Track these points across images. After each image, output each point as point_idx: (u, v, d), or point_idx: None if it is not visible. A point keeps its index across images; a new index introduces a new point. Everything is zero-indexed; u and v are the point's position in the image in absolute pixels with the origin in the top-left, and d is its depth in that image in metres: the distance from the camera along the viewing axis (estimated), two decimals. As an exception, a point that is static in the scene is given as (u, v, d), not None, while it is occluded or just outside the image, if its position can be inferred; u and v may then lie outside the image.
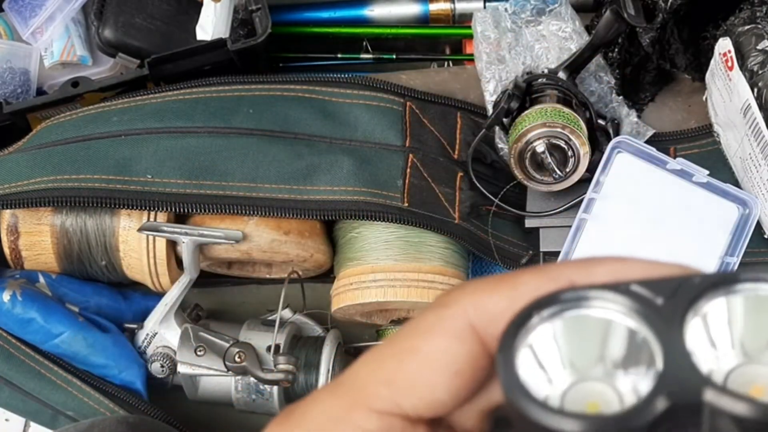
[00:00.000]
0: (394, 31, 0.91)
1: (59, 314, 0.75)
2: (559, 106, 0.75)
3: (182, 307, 0.78)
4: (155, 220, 0.74)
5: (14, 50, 0.83)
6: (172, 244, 0.76)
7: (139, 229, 0.74)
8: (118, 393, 0.75)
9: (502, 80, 0.81)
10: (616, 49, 0.82)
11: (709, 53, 0.79)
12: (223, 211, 0.73)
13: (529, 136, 0.75)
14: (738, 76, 0.74)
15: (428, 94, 0.82)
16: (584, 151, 0.75)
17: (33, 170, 0.74)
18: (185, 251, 0.74)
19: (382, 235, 0.76)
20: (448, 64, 0.89)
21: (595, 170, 0.76)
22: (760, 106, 0.72)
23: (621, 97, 0.81)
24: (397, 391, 0.29)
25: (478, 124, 0.81)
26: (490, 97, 0.81)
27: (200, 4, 0.81)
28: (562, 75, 0.78)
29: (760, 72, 0.72)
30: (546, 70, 0.80)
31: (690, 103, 0.85)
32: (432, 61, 0.91)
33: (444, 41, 0.93)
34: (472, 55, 0.84)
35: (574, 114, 0.75)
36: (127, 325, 0.78)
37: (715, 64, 0.78)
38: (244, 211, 0.73)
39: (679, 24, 0.80)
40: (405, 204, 0.74)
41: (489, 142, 0.81)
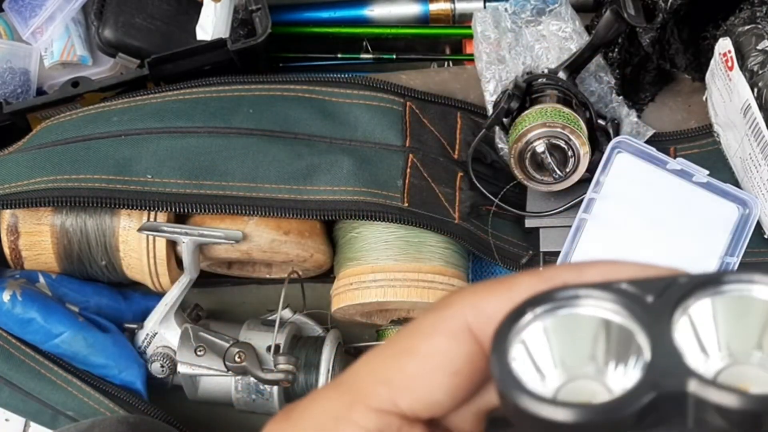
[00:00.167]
0: (394, 31, 0.91)
1: (59, 314, 0.75)
2: (559, 106, 0.75)
3: (182, 307, 0.78)
4: (155, 220, 0.74)
5: (14, 50, 0.83)
6: (172, 244, 0.76)
7: (139, 229, 0.74)
8: (118, 393, 0.75)
9: (502, 80, 0.81)
10: (616, 49, 0.82)
11: (709, 53, 0.79)
12: (223, 211, 0.73)
13: (529, 136, 0.75)
14: (738, 76, 0.74)
15: (428, 94, 0.82)
16: (584, 151, 0.75)
17: (33, 170, 0.74)
18: (185, 251, 0.74)
19: (382, 235, 0.76)
20: (448, 64, 0.89)
21: (595, 170, 0.76)
22: (760, 106, 0.72)
23: (621, 97, 0.81)
24: (395, 391, 0.29)
25: (478, 124, 0.81)
26: (490, 97, 0.81)
27: (200, 4, 0.81)
28: (562, 75, 0.78)
29: (760, 72, 0.72)
30: (546, 70, 0.80)
31: (690, 103, 0.85)
32: (432, 61, 0.91)
33: (444, 41, 0.93)
34: (472, 55, 0.84)
35: (574, 114, 0.75)
36: (127, 325, 0.78)
37: (715, 64, 0.78)
38: (244, 211, 0.73)
39: (679, 24, 0.80)
40: (405, 204, 0.74)
41: (489, 142, 0.81)
